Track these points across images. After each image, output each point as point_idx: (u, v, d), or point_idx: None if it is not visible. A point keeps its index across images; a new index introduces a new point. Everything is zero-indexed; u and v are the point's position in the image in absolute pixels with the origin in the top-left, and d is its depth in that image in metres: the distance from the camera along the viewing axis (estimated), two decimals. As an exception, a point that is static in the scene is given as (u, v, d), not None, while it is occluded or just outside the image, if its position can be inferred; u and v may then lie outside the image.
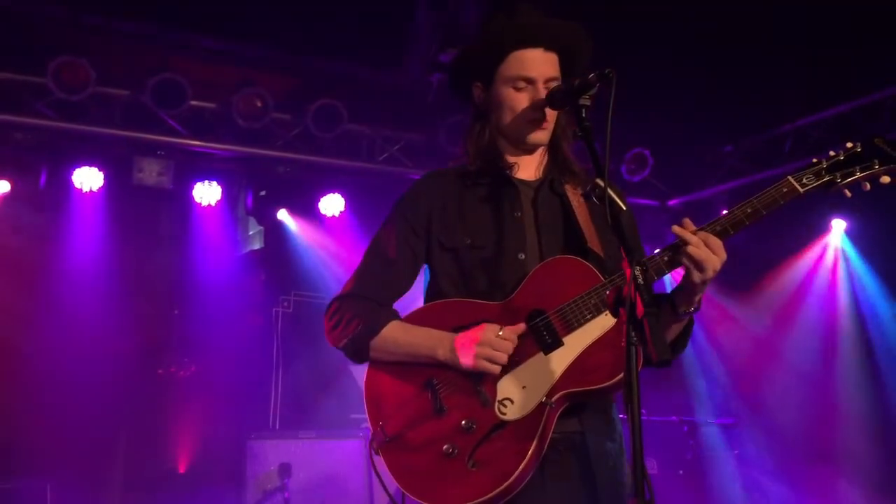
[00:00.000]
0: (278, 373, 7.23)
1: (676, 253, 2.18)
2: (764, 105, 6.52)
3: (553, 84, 2.39)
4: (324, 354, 7.14)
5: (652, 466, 6.48)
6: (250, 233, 7.80)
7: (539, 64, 2.43)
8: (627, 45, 2.48)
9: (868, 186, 2.28)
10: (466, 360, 2.25)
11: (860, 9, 5.22)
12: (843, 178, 2.26)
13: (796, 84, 6.13)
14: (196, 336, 7.02)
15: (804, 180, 2.25)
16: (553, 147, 2.54)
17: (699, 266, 2.15)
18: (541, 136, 2.47)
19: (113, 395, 6.55)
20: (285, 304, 7.45)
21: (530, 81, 2.42)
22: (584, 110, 2.23)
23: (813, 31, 5.47)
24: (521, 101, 2.43)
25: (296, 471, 5.73)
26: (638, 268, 1.91)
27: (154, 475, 6.76)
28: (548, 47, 2.44)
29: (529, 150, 2.54)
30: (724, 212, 2.27)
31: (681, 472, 6.66)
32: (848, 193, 2.28)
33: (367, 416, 2.38)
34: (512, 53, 2.44)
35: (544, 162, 2.57)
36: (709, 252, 2.14)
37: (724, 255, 2.17)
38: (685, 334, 2.39)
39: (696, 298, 2.24)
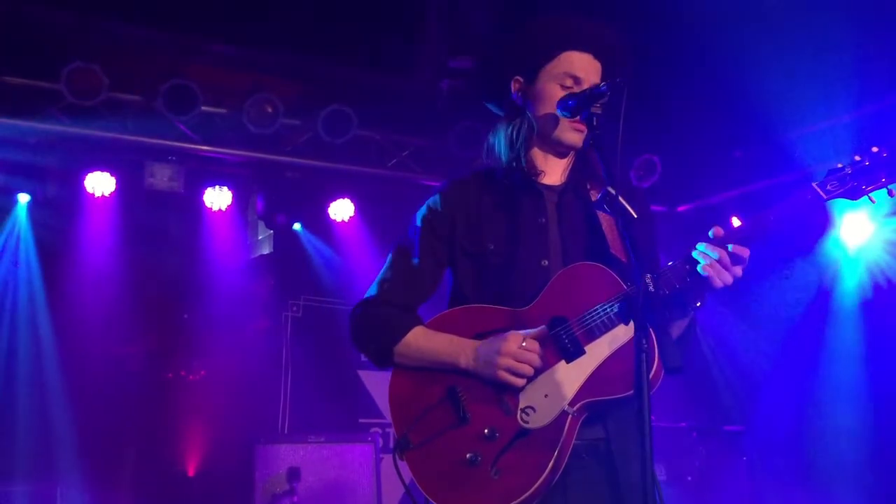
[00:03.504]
0: (287, 377, 7.24)
1: (692, 265, 2.20)
2: (774, 109, 6.51)
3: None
4: (333, 359, 7.17)
5: (660, 472, 6.47)
6: (260, 237, 7.83)
7: (588, 67, 2.45)
8: (636, 49, 2.50)
9: (894, 193, 2.22)
10: (489, 370, 2.26)
11: (871, 13, 5.21)
12: (868, 184, 2.21)
13: (807, 89, 6.11)
14: (205, 340, 7.03)
15: (828, 187, 2.21)
16: (581, 152, 2.54)
17: (722, 279, 2.17)
18: (576, 137, 2.47)
19: (122, 398, 6.57)
20: (294, 308, 7.46)
21: (578, 82, 2.42)
22: (595, 118, 2.25)
23: (825, 35, 5.46)
24: None
25: (304, 475, 5.74)
26: (648, 276, 1.92)
27: (163, 479, 6.77)
28: (597, 55, 2.47)
29: (561, 151, 2.54)
30: (737, 221, 2.27)
31: (689, 478, 6.64)
32: (873, 200, 2.25)
33: (389, 420, 2.40)
34: (564, 53, 2.45)
35: (570, 167, 2.57)
36: (719, 267, 2.16)
37: (739, 272, 2.18)
38: (690, 330, 2.40)
39: (705, 298, 2.27)
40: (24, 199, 6.48)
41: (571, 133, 2.46)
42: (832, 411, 6.80)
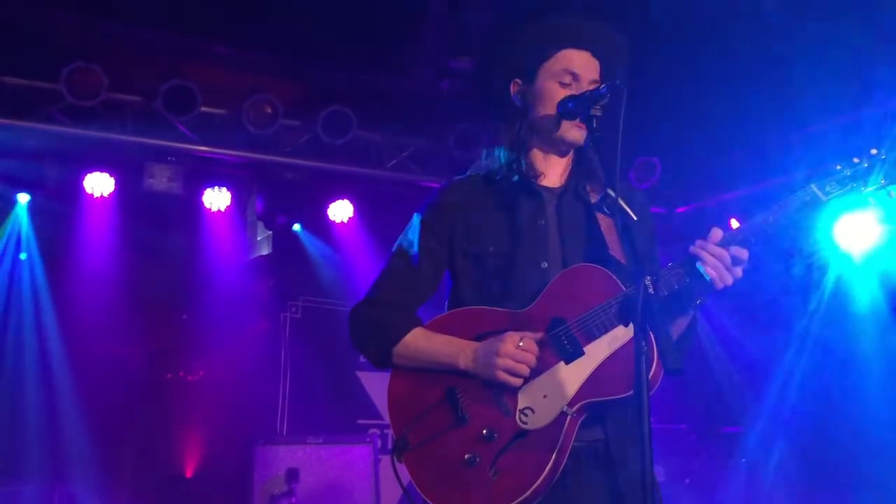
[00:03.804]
0: (286, 378, 7.24)
1: (692, 266, 2.20)
2: (773, 112, 6.52)
3: (595, 87, 2.38)
4: (332, 360, 7.17)
5: (659, 474, 6.47)
6: (259, 238, 7.83)
7: (587, 64, 2.45)
8: (635, 52, 2.51)
9: (893, 194, 2.23)
10: (488, 371, 2.26)
11: (869, 14, 5.22)
12: (868, 185, 2.23)
13: (807, 91, 6.12)
14: (204, 341, 7.04)
15: (827, 188, 2.22)
16: (580, 153, 2.55)
17: (722, 281, 2.18)
18: (578, 134, 2.46)
19: (121, 398, 6.57)
20: (293, 309, 7.47)
21: (576, 79, 2.43)
22: (594, 120, 2.25)
23: (824, 36, 5.46)
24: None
25: (303, 476, 5.75)
26: (648, 278, 1.92)
27: (161, 479, 6.77)
28: (595, 53, 2.47)
29: (563, 150, 2.53)
30: (736, 222, 2.27)
31: (687, 480, 6.65)
32: (872, 202, 2.26)
33: (388, 421, 2.39)
34: (561, 51, 2.46)
35: (569, 168, 2.57)
36: (721, 268, 2.16)
37: (739, 273, 2.19)
38: (691, 328, 2.41)
39: (704, 298, 2.28)
40: (23, 199, 6.49)
41: (574, 130, 2.45)
42: (831, 413, 6.80)
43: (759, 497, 6.77)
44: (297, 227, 7.35)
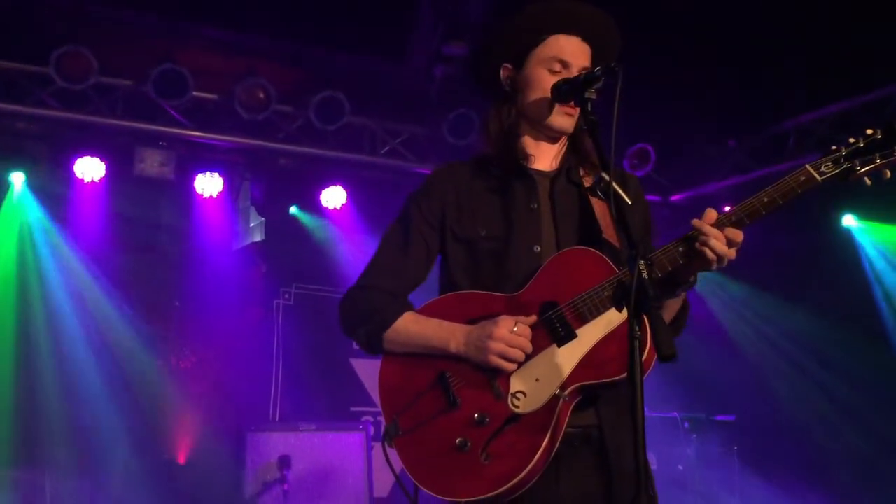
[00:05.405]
0: (278, 365, 7.24)
1: (692, 244, 2.16)
2: (768, 100, 6.51)
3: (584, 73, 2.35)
4: (324, 347, 7.16)
5: (651, 461, 6.48)
6: (251, 224, 7.81)
7: (577, 51, 2.42)
8: (629, 38, 2.49)
9: (889, 174, 2.21)
10: (480, 355, 2.24)
11: (864, 3, 5.22)
12: (863, 165, 2.20)
13: (800, 79, 6.11)
14: (196, 327, 7.02)
15: (822, 168, 2.20)
16: (573, 137, 2.52)
17: (719, 261, 2.14)
18: (567, 122, 2.44)
19: (112, 385, 6.56)
20: (286, 296, 7.45)
21: (566, 66, 2.40)
22: (589, 104, 2.22)
23: (817, 24, 5.46)
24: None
25: (295, 463, 5.75)
26: (643, 262, 1.90)
27: (153, 466, 6.76)
28: (585, 37, 2.44)
29: (552, 136, 2.50)
30: (729, 207, 2.25)
31: (680, 467, 6.67)
32: (868, 181, 2.23)
33: (380, 407, 2.37)
34: (551, 36, 2.43)
35: (562, 152, 2.54)
36: (718, 247, 2.14)
37: (733, 254, 2.17)
38: (683, 311, 2.39)
39: (696, 277, 2.26)
40: (18, 179, 6.44)
41: (562, 117, 2.43)
42: (826, 403, 6.83)
43: (752, 485, 6.79)
44: (292, 209, 7.34)
